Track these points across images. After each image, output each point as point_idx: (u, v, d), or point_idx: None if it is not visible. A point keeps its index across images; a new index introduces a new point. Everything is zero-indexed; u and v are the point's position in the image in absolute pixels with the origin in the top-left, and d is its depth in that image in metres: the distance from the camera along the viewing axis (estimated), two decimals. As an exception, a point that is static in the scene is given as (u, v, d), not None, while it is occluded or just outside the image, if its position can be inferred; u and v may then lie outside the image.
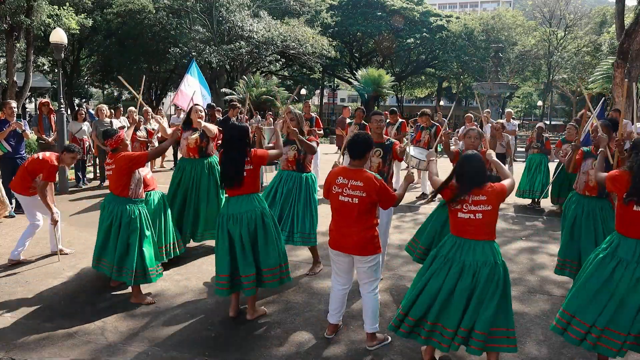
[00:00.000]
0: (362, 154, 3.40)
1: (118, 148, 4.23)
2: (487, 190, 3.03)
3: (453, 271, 3.04)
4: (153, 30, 24.82)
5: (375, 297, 3.49)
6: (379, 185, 3.30)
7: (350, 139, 3.45)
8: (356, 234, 3.33)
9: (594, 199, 4.36)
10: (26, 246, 5.23)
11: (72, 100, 27.74)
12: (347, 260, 3.50)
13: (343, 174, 3.40)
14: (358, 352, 3.47)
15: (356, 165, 3.41)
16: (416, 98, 55.43)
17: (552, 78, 36.05)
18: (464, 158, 3.13)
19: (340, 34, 36.45)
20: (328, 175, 3.51)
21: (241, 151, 3.73)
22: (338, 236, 3.44)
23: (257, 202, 3.82)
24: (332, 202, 3.45)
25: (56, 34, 9.11)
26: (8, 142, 6.97)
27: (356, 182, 3.30)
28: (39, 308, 4.10)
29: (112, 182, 4.23)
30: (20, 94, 14.59)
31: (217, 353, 3.44)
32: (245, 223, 3.71)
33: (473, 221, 3.02)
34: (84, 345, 3.50)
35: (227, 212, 3.79)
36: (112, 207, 4.17)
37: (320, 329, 3.77)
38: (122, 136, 4.27)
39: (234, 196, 3.81)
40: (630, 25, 12.02)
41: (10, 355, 3.35)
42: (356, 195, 3.29)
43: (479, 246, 3.03)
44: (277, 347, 3.53)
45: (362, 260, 3.41)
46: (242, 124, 3.87)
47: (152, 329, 3.76)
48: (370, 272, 3.45)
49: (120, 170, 4.13)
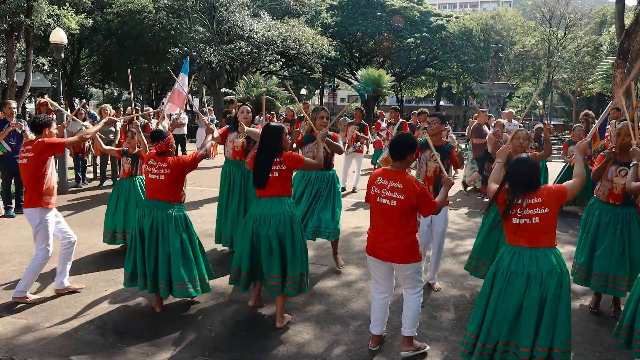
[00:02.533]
0: (403, 155, 3.24)
1: (168, 151, 3.96)
2: (543, 192, 2.86)
3: (518, 284, 2.82)
4: (153, 30, 24.79)
5: (418, 299, 3.36)
6: (419, 190, 3.14)
7: (392, 140, 3.33)
8: (394, 239, 3.19)
9: (618, 206, 4.02)
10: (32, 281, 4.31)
11: (72, 100, 27.71)
12: (385, 267, 3.33)
13: (383, 174, 3.27)
14: (358, 352, 3.47)
15: (397, 166, 3.26)
16: (416, 98, 55.44)
17: (552, 78, 36.04)
18: (515, 162, 2.96)
19: (340, 34, 36.44)
20: (369, 177, 3.41)
21: (271, 151, 3.64)
22: (375, 241, 3.29)
23: (287, 206, 3.70)
24: (371, 205, 3.33)
25: (56, 34, 9.11)
26: (8, 142, 6.97)
27: (396, 183, 3.17)
28: (39, 308, 4.10)
29: (163, 187, 3.87)
30: (20, 94, 14.60)
31: (217, 353, 3.43)
32: (273, 225, 3.61)
33: (529, 226, 2.83)
34: (84, 346, 3.49)
35: (254, 212, 3.71)
36: (160, 214, 3.86)
37: (320, 329, 3.76)
38: (172, 139, 4.00)
39: (263, 197, 3.71)
40: (630, 25, 12.02)
41: (10, 355, 3.35)
42: (395, 197, 3.15)
43: (541, 254, 2.82)
44: (277, 347, 3.52)
45: (401, 268, 3.27)
46: (277, 124, 3.75)
47: (152, 329, 3.76)
48: (411, 279, 3.31)
49: (178, 174, 3.89)
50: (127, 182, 5.54)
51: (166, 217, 3.86)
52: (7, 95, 13.92)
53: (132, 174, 5.57)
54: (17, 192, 7.29)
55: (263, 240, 3.63)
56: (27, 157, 4.14)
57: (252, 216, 3.72)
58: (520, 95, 45.75)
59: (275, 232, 3.60)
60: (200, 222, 6.87)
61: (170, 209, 3.90)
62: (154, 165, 3.90)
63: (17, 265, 5.08)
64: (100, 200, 8.18)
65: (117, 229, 5.45)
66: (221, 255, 5.51)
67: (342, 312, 4.12)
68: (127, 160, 5.59)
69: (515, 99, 46.16)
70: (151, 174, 3.91)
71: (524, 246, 2.87)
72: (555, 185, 2.99)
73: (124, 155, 5.62)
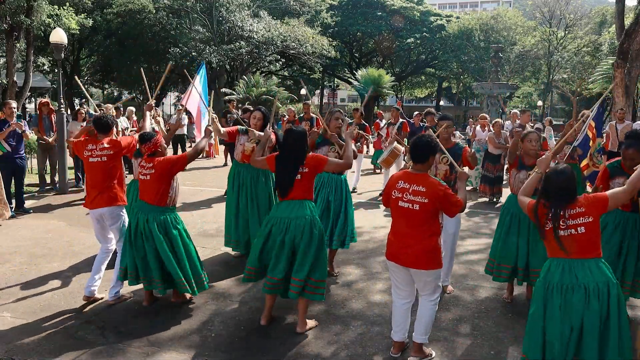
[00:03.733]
0: (425, 157, 3.14)
1: (157, 152, 3.91)
2: (582, 202, 2.75)
3: (577, 298, 2.67)
4: (153, 30, 24.82)
5: (434, 305, 3.27)
6: (442, 192, 3.05)
7: (413, 142, 3.21)
8: (416, 244, 3.09)
9: (625, 213, 3.92)
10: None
11: (72, 100, 27.73)
12: (407, 272, 3.25)
13: (405, 178, 3.17)
14: (358, 352, 3.47)
15: (419, 169, 3.17)
16: (416, 98, 55.45)
17: (552, 78, 36.05)
18: (553, 174, 2.81)
19: (340, 34, 36.45)
20: (389, 180, 3.33)
21: (296, 157, 3.55)
22: (396, 246, 3.20)
23: (309, 210, 3.60)
24: (392, 209, 3.24)
25: (56, 34, 9.10)
26: (8, 142, 6.97)
27: (418, 187, 3.07)
28: (39, 308, 4.10)
29: (149, 188, 3.87)
30: (20, 94, 14.59)
31: (217, 353, 3.43)
32: (292, 229, 3.52)
33: (576, 237, 2.71)
34: (84, 346, 3.49)
35: (275, 215, 3.64)
36: (148, 217, 3.86)
37: (320, 329, 3.76)
38: (160, 140, 3.95)
39: (285, 200, 3.62)
40: (630, 25, 12.00)
41: (10, 355, 3.35)
42: (417, 201, 3.05)
43: (593, 264, 2.71)
44: (277, 347, 3.52)
45: (420, 274, 3.17)
46: (299, 129, 3.66)
47: (152, 329, 3.75)
48: (430, 285, 3.22)
49: (161, 175, 3.83)
50: None
51: (147, 220, 3.86)
52: (7, 95, 13.91)
53: None
54: (17, 192, 7.30)
55: (281, 244, 3.55)
56: (107, 155, 4.13)
57: (272, 219, 3.65)
58: (520, 95, 45.77)
59: (291, 238, 3.53)
60: (201, 222, 6.87)
61: (153, 211, 3.88)
62: (144, 166, 3.91)
63: (17, 265, 5.08)
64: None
65: None
66: (226, 257, 5.49)
67: (342, 312, 4.12)
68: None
69: (515, 99, 46.17)
70: (141, 175, 3.93)
71: (573, 258, 2.74)
72: (596, 193, 2.91)
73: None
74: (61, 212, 7.50)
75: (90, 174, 4.21)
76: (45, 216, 7.19)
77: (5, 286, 4.55)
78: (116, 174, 4.20)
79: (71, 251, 5.57)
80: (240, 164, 5.15)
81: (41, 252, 5.52)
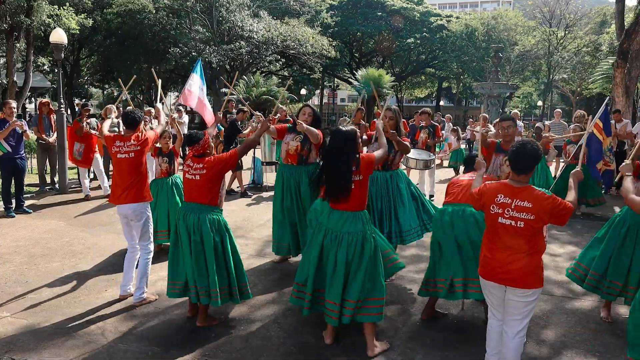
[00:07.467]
0: (529, 168, 2.82)
1: (206, 153, 3.78)
2: None
3: None
4: (153, 30, 24.79)
5: (521, 340, 2.89)
6: (550, 204, 2.72)
7: (515, 150, 2.84)
8: (518, 261, 2.78)
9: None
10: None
11: (72, 100, 27.72)
12: (503, 292, 2.91)
13: (504, 191, 2.83)
14: (358, 352, 3.45)
15: (522, 181, 2.83)
16: (416, 98, 55.46)
17: (552, 78, 36.05)
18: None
19: (340, 34, 36.44)
20: (486, 192, 2.93)
21: (347, 160, 3.24)
22: (492, 265, 2.87)
23: (362, 224, 3.33)
24: (489, 224, 2.92)
25: (56, 34, 9.11)
26: (8, 142, 6.98)
27: (523, 202, 2.74)
28: (39, 308, 4.10)
29: (200, 189, 3.71)
30: (20, 94, 14.59)
31: (217, 353, 3.43)
32: (344, 245, 3.28)
33: None
34: (84, 345, 3.49)
35: (325, 224, 3.38)
36: (200, 216, 3.66)
37: (321, 329, 3.76)
38: (209, 140, 3.81)
39: (337, 209, 3.36)
40: (630, 25, 12.01)
41: (10, 355, 3.35)
42: (522, 218, 2.73)
43: None
44: (277, 347, 3.52)
45: (519, 294, 2.81)
46: (347, 128, 3.34)
47: (152, 329, 3.76)
48: (525, 307, 2.84)
49: (213, 175, 3.69)
50: (166, 180, 5.39)
51: (198, 220, 3.66)
52: (7, 95, 13.91)
53: (170, 173, 5.44)
54: (17, 192, 7.30)
55: (331, 259, 3.31)
56: (134, 151, 4.14)
57: (322, 228, 3.41)
58: (520, 95, 45.77)
59: (344, 254, 3.27)
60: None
61: (204, 211, 3.70)
62: (191, 166, 3.76)
63: (17, 265, 5.09)
64: (100, 200, 8.19)
65: (159, 227, 5.27)
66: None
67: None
68: (163, 160, 5.43)
69: (515, 99, 46.19)
70: (187, 175, 3.78)
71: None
72: None
73: (159, 156, 5.45)
74: (61, 212, 7.50)
75: (117, 170, 4.24)
76: (45, 216, 7.19)
77: (5, 286, 4.55)
78: (142, 170, 4.22)
79: (71, 251, 5.57)
80: (285, 164, 4.98)
81: (41, 252, 5.52)
